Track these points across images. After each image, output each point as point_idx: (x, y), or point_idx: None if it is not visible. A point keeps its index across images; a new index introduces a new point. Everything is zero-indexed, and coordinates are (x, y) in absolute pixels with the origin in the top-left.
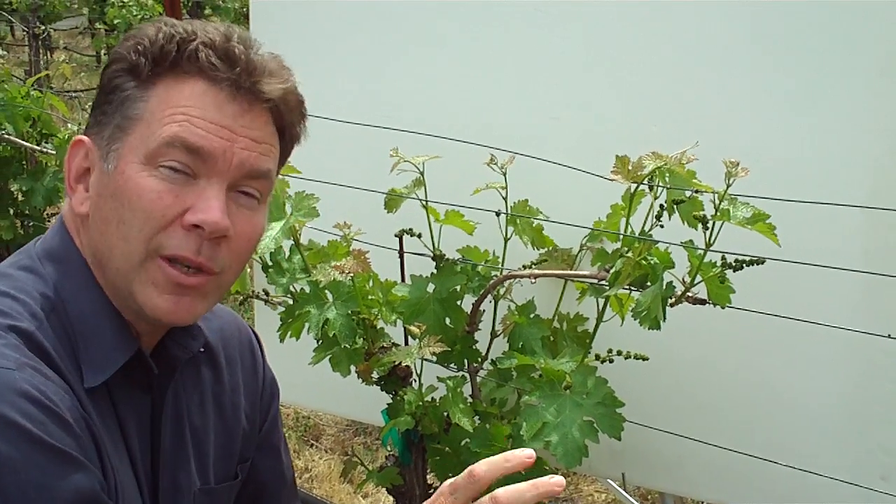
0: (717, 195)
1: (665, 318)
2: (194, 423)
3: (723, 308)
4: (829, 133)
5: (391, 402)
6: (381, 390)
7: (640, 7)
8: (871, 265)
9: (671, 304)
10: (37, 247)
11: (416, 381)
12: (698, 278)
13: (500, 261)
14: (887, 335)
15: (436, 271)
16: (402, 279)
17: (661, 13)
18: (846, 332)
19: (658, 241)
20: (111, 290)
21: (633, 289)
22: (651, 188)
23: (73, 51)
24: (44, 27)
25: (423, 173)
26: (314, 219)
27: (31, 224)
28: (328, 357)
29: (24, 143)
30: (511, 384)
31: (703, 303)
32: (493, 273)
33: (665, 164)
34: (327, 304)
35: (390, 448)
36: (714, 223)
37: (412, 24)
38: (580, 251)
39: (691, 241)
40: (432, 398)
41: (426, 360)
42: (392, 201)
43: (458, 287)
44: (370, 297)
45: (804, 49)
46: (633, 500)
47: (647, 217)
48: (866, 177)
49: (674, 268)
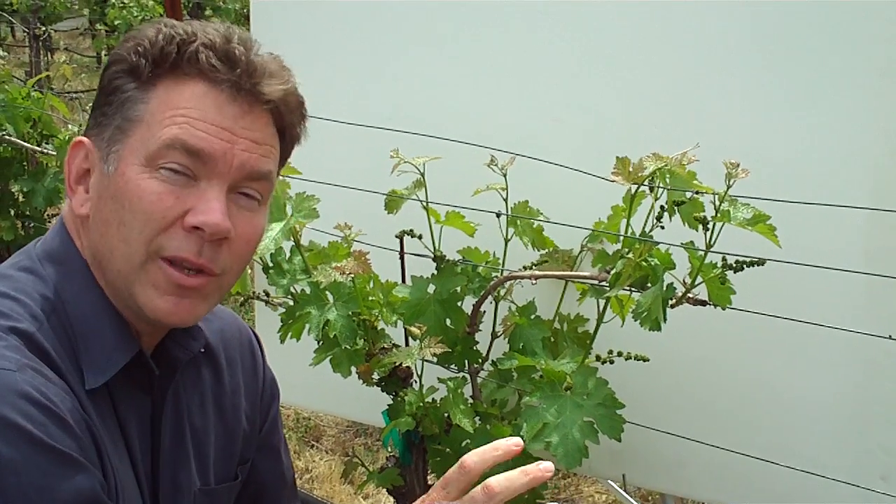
0: (717, 196)
1: (665, 320)
2: (194, 423)
3: (723, 309)
4: (829, 134)
5: (392, 402)
6: (382, 391)
7: (640, 7)
8: (872, 266)
9: (672, 306)
10: (37, 248)
11: (416, 382)
12: (699, 279)
13: (501, 262)
14: (888, 336)
15: (436, 272)
16: (403, 280)
17: (661, 14)
18: (846, 333)
19: (659, 243)
20: (111, 292)
21: (633, 290)
22: (652, 189)
23: (74, 52)
24: (44, 28)
25: (423, 174)
26: (315, 220)
27: (32, 225)
28: (329, 358)
29: (25, 144)
30: (512, 385)
31: (703, 304)
32: (494, 274)
33: (666, 166)
34: (328, 306)
35: (391, 449)
36: (714, 224)
37: (412, 24)
38: (581, 252)
39: (692, 243)
40: (433, 399)
41: (427, 361)
42: (392, 202)
43: (458, 288)
44: (371, 298)
45: (804, 49)
46: (633, 500)
47: (647, 218)
48: (867, 178)
49: (674, 269)
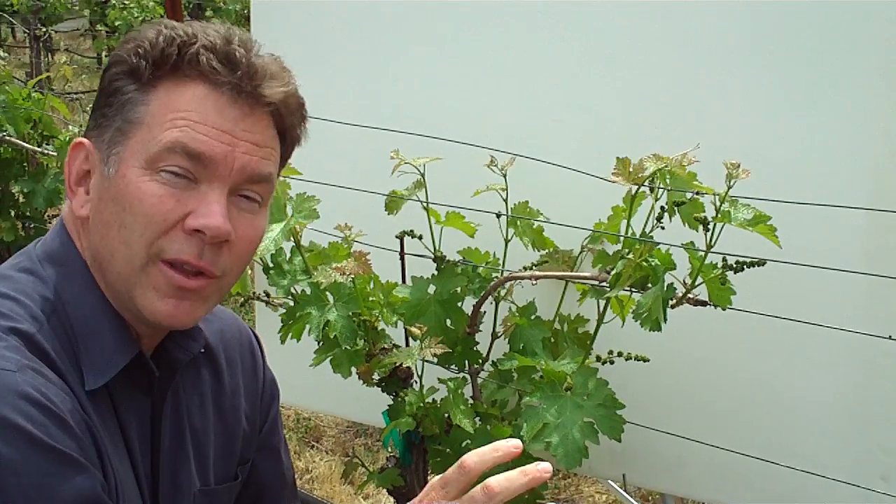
0: (717, 197)
1: (666, 320)
2: (194, 424)
3: (723, 309)
4: (829, 134)
5: (392, 403)
6: (382, 392)
7: (640, 7)
8: (872, 267)
9: (672, 306)
10: (37, 249)
11: (416, 382)
12: (699, 280)
13: (501, 262)
14: (888, 336)
15: (437, 273)
16: (403, 281)
17: (661, 14)
18: (846, 333)
19: (659, 243)
20: (111, 293)
21: (633, 290)
22: (652, 190)
23: (75, 52)
24: (45, 29)
25: (423, 175)
26: (315, 220)
27: (33, 226)
28: (329, 358)
29: (26, 144)
30: (512, 385)
31: (703, 304)
32: (494, 274)
33: (666, 166)
34: (328, 306)
35: (391, 449)
36: (715, 225)
37: (412, 24)
38: (581, 253)
39: (692, 243)
40: (433, 399)
41: (427, 361)
42: (393, 203)
43: (458, 288)
44: (371, 298)
45: (804, 49)
46: (633, 501)
47: (647, 219)
48: (867, 178)
49: (675, 269)
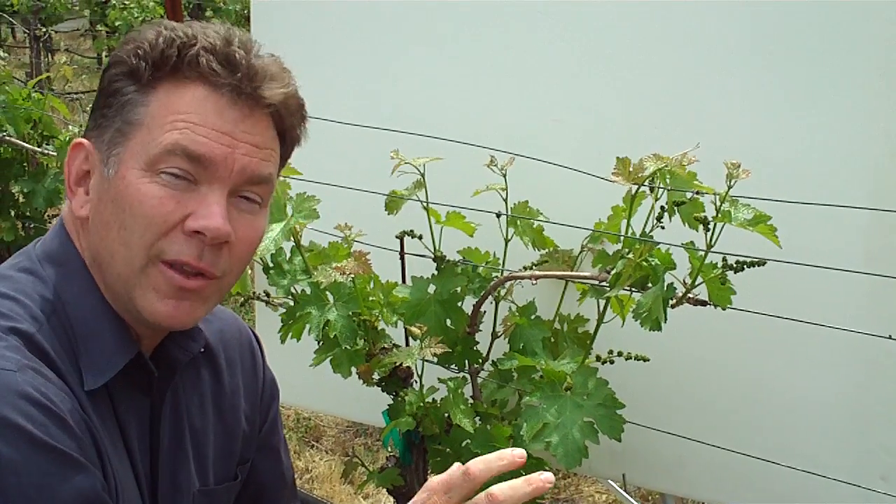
0: (718, 196)
1: (666, 320)
2: (194, 424)
3: (724, 309)
4: (829, 134)
5: (392, 403)
6: (382, 391)
7: (640, 7)
8: (873, 266)
9: (672, 306)
10: (36, 249)
11: (416, 382)
12: (699, 280)
13: (501, 262)
14: (889, 336)
15: (437, 273)
16: (403, 280)
17: (661, 14)
18: (847, 333)
19: (659, 243)
20: (111, 294)
21: (633, 290)
22: (652, 190)
23: (75, 53)
24: (45, 29)
25: (423, 175)
26: (315, 220)
27: (32, 226)
28: (329, 358)
29: (26, 144)
30: (512, 385)
31: (703, 304)
32: (494, 274)
33: (666, 166)
34: (328, 306)
35: (391, 449)
36: (715, 224)
37: (412, 24)
38: (581, 252)
39: (692, 243)
40: (433, 399)
41: (427, 361)
42: (393, 203)
43: (458, 288)
44: (371, 298)
45: (804, 49)
46: (633, 500)
47: (647, 218)
48: (867, 178)
49: (675, 269)
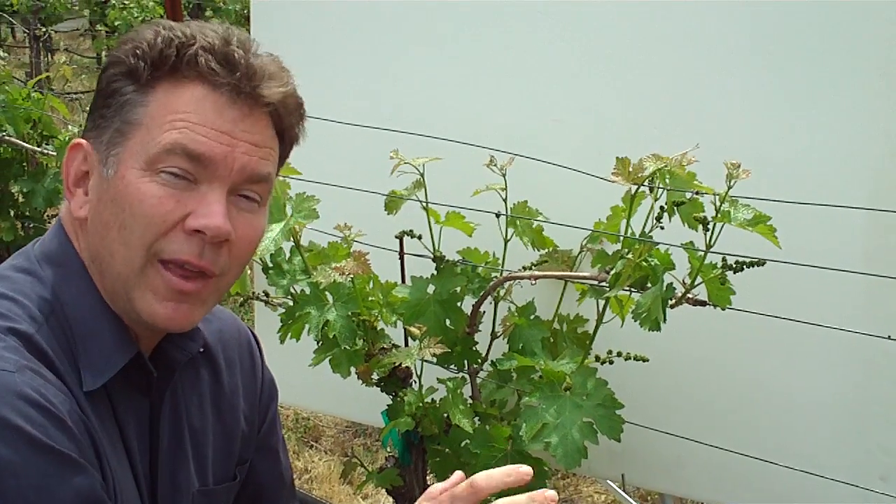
0: (717, 197)
1: (665, 320)
2: (193, 424)
3: (723, 309)
4: (829, 134)
5: (391, 403)
6: (381, 391)
7: (640, 8)
8: (872, 267)
9: (671, 306)
10: (35, 249)
11: (416, 382)
12: (698, 280)
13: (500, 262)
14: (887, 337)
15: (436, 273)
16: (403, 281)
17: (661, 14)
18: (846, 333)
19: (658, 243)
20: (110, 294)
21: (633, 290)
22: (651, 190)
23: (74, 52)
24: (45, 29)
25: (423, 175)
26: (314, 220)
27: (32, 226)
28: (328, 358)
29: (25, 144)
30: (511, 385)
31: (703, 304)
32: (494, 274)
33: (666, 166)
34: (327, 306)
35: (390, 449)
36: (714, 225)
37: (412, 24)
38: (580, 252)
39: (692, 243)
40: (432, 399)
41: (426, 361)
42: (392, 203)
43: (458, 288)
44: (370, 298)
45: (804, 49)
46: (632, 500)
47: (647, 218)
48: (867, 178)
49: (674, 269)
